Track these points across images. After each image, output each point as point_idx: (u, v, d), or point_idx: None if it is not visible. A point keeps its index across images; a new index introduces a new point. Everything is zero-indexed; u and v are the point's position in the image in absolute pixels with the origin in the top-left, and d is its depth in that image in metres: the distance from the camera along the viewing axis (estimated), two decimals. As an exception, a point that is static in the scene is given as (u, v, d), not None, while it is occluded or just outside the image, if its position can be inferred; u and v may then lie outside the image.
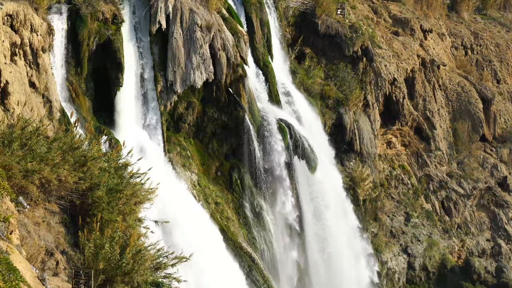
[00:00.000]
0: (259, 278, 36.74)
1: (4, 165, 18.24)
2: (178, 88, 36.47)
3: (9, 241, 15.40)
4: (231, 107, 38.49)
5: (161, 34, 36.24)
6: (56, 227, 19.74)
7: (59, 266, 18.31)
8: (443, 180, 54.18)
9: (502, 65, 64.22)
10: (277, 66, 43.84)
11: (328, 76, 47.72)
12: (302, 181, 41.15)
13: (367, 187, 47.33)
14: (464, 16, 65.74)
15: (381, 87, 50.50)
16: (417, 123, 53.47)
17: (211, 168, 39.02)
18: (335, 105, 46.33)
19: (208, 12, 37.69)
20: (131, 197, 20.97)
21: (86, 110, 33.01)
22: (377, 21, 56.39)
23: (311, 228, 41.79)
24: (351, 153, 46.94)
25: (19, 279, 13.73)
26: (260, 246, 38.80)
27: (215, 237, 35.29)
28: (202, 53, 36.69)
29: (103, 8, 33.39)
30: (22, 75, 26.96)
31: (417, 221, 51.50)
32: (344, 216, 44.40)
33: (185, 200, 35.13)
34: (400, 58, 53.07)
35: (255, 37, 42.07)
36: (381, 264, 47.97)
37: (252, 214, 39.21)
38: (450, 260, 51.64)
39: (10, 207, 16.57)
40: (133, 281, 18.49)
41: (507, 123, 60.37)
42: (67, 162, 19.95)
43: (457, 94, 57.86)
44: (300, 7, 47.93)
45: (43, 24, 29.15)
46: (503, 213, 55.60)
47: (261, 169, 39.16)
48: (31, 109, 26.75)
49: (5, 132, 19.71)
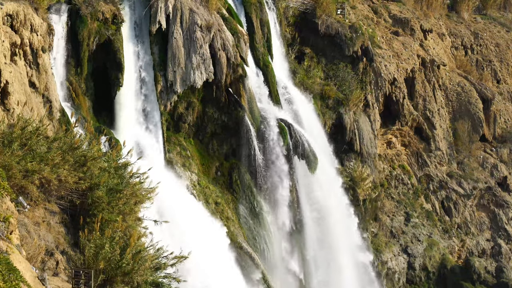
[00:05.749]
0: (259, 278, 36.75)
1: (4, 165, 18.23)
2: (178, 88, 36.46)
3: (9, 241, 15.39)
4: (231, 107, 38.49)
5: (161, 34, 36.24)
6: (56, 227, 19.73)
7: (59, 266, 18.30)
8: (443, 180, 54.17)
9: (502, 65, 64.21)
10: (277, 66, 43.83)
11: (328, 76, 47.71)
12: (302, 181, 41.15)
13: (367, 187, 47.31)
14: (464, 16, 65.73)
15: (381, 87, 50.49)
16: (417, 123, 53.45)
17: (211, 168, 39.02)
18: (335, 105, 46.33)
19: (208, 12, 37.69)
20: (131, 197, 20.95)
21: (86, 110, 33.02)
22: (377, 21, 56.37)
23: (311, 228, 41.80)
24: (351, 153, 46.92)
25: (19, 279, 13.72)
26: (260, 246, 38.79)
27: (215, 236, 35.29)
28: (202, 53, 36.69)
29: (103, 8, 33.41)
30: (22, 75, 26.96)
31: (417, 221, 51.48)
32: (344, 216, 44.39)
33: (185, 200, 35.13)
34: (400, 58, 53.06)
35: (255, 37, 42.07)
36: (381, 264, 47.95)
37: (252, 214, 39.20)
38: (450, 260, 51.62)
39: (10, 207, 16.56)
40: (133, 281, 18.48)
41: (507, 123, 60.36)
42: (67, 162, 19.93)
43: (457, 94, 57.85)
44: (300, 7, 47.91)
45: (43, 24, 29.15)
46: (503, 213, 55.60)
47: (261, 169, 39.15)
48: (31, 109, 26.75)
49: (5, 132, 19.69)
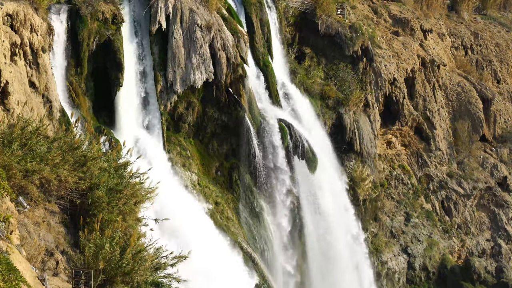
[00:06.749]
0: (259, 278, 36.73)
1: (4, 165, 18.23)
2: (178, 88, 36.46)
3: (9, 241, 15.39)
4: (231, 107, 38.49)
5: (161, 34, 36.24)
6: (56, 227, 19.73)
7: (59, 266, 18.30)
8: (443, 180, 54.17)
9: (502, 65, 64.20)
10: (277, 66, 43.84)
11: (328, 76, 47.71)
12: (302, 181, 41.14)
13: (367, 187, 47.33)
14: (464, 16, 65.72)
15: (381, 87, 50.48)
16: (417, 123, 53.44)
17: (211, 168, 39.02)
18: (335, 105, 46.33)
19: (208, 12, 37.69)
20: (131, 197, 20.95)
21: (86, 110, 33.02)
22: (377, 21, 56.37)
23: (311, 228, 41.79)
24: (351, 153, 46.93)
25: (19, 279, 13.72)
26: (260, 246, 38.79)
27: (215, 236, 35.30)
28: (202, 53, 36.69)
29: (103, 8, 33.40)
30: (22, 75, 26.96)
31: (417, 221, 51.48)
32: (344, 216, 44.38)
33: (185, 200, 35.13)
34: (400, 58, 53.05)
35: (255, 37, 42.07)
36: (381, 264, 47.95)
37: (252, 214, 39.21)
38: (450, 260, 51.62)
39: (10, 207, 16.56)
40: (133, 281, 18.47)
41: (507, 123, 60.35)
42: (67, 162, 19.92)
43: (457, 94, 57.84)
44: (300, 7, 47.91)
45: (43, 24, 29.15)
46: (503, 213, 55.59)
47: (261, 169, 39.15)
48: (31, 109, 26.75)
49: (5, 132, 19.68)
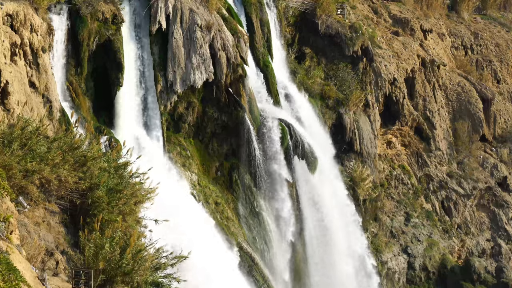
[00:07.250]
0: (259, 278, 36.74)
1: (4, 165, 18.21)
2: (178, 88, 36.46)
3: (9, 241, 15.38)
4: (231, 107, 38.49)
5: (161, 34, 36.23)
6: (56, 227, 19.72)
7: (59, 266, 18.29)
8: (443, 180, 54.17)
9: (502, 65, 64.21)
10: (277, 66, 43.83)
11: (328, 76, 47.72)
12: (302, 181, 41.14)
13: (367, 187, 47.33)
14: (464, 16, 65.73)
15: (381, 87, 50.49)
16: (417, 123, 53.45)
17: (211, 168, 39.02)
18: (335, 105, 46.33)
19: (208, 12, 37.68)
20: (131, 197, 20.94)
21: (86, 110, 33.01)
22: (377, 21, 56.38)
23: (311, 228, 41.78)
24: (351, 153, 46.93)
25: (19, 279, 13.71)
26: (260, 246, 38.79)
27: (214, 236, 35.28)
28: (202, 53, 36.69)
29: (103, 8, 33.39)
30: (22, 75, 26.95)
31: (417, 221, 51.48)
32: (344, 216, 44.38)
33: (185, 200, 35.11)
34: (400, 58, 53.06)
35: (255, 37, 42.06)
36: (381, 264, 47.95)
37: (252, 214, 39.20)
38: (450, 260, 51.62)
39: (10, 207, 16.55)
40: (133, 281, 18.46)
41: (507, 123, 60.36)
42: (67, 162, 19.90)
43: (457, 94, 57.85)
44: (300, 7, 47.91)
45: (43, 24, 29.15)
46: (503, 213, 55.60)
47: (261, 169, 39.15)
48: (31, 109, 26.75)
49: (5, 132, 19.66)
